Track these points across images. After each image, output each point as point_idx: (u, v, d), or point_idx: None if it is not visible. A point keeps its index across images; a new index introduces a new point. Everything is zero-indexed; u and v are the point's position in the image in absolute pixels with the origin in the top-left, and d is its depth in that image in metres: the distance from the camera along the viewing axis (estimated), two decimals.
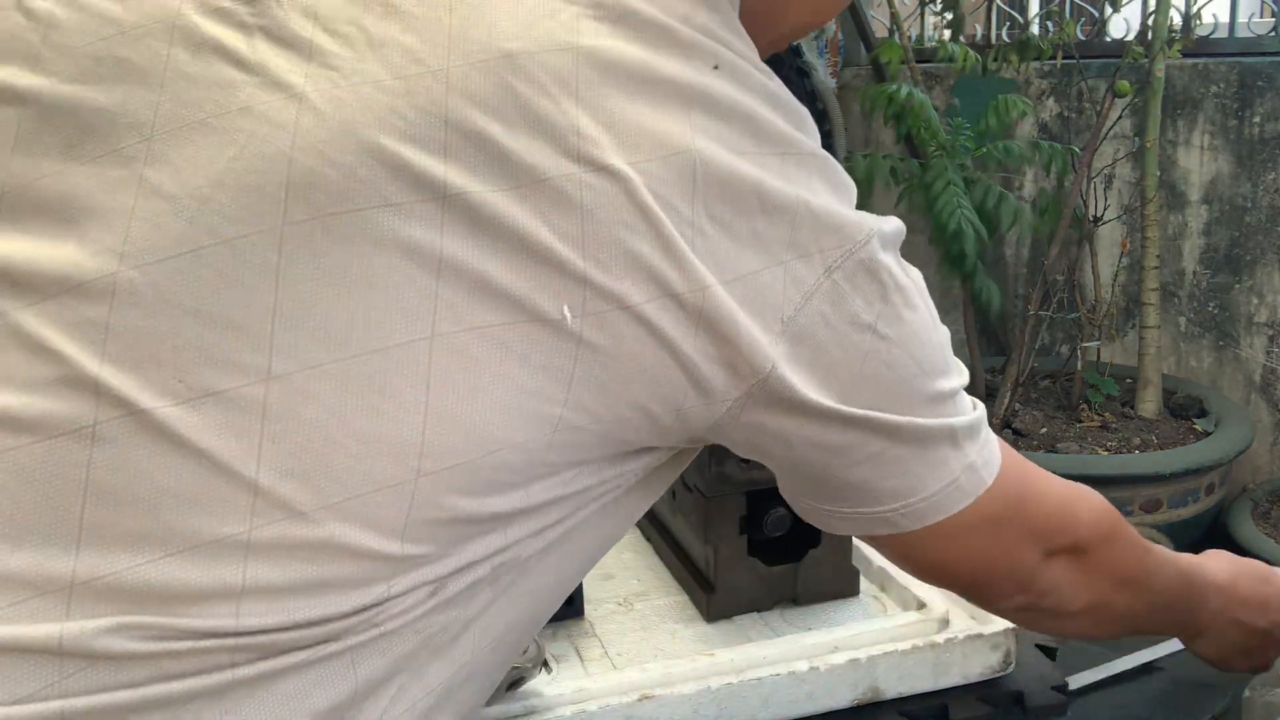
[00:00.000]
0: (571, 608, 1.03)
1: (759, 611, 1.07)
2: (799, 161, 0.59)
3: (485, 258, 0.53)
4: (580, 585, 1.04)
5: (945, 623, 1.03)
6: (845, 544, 1.10)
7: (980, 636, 1.00)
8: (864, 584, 1.12)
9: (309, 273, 0.52)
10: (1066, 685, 1.04)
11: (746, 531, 1.06)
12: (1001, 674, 1.02)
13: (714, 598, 1.06)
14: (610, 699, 0.92)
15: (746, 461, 1.01)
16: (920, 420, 0.64)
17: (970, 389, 3.16)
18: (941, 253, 2.60)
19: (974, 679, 1.01)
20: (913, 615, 1.05)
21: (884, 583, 1.13)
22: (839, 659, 0.97)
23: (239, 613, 0.52)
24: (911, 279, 0.64)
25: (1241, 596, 0.92)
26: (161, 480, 0.52)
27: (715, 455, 1.01)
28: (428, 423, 0.53)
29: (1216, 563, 0.93)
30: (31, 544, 0.51)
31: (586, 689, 0.93)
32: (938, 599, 1.07)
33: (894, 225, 0.64)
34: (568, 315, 0.54)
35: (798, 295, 0.58)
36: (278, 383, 0.52)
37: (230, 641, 0.52)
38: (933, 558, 0.72)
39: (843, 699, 0.97)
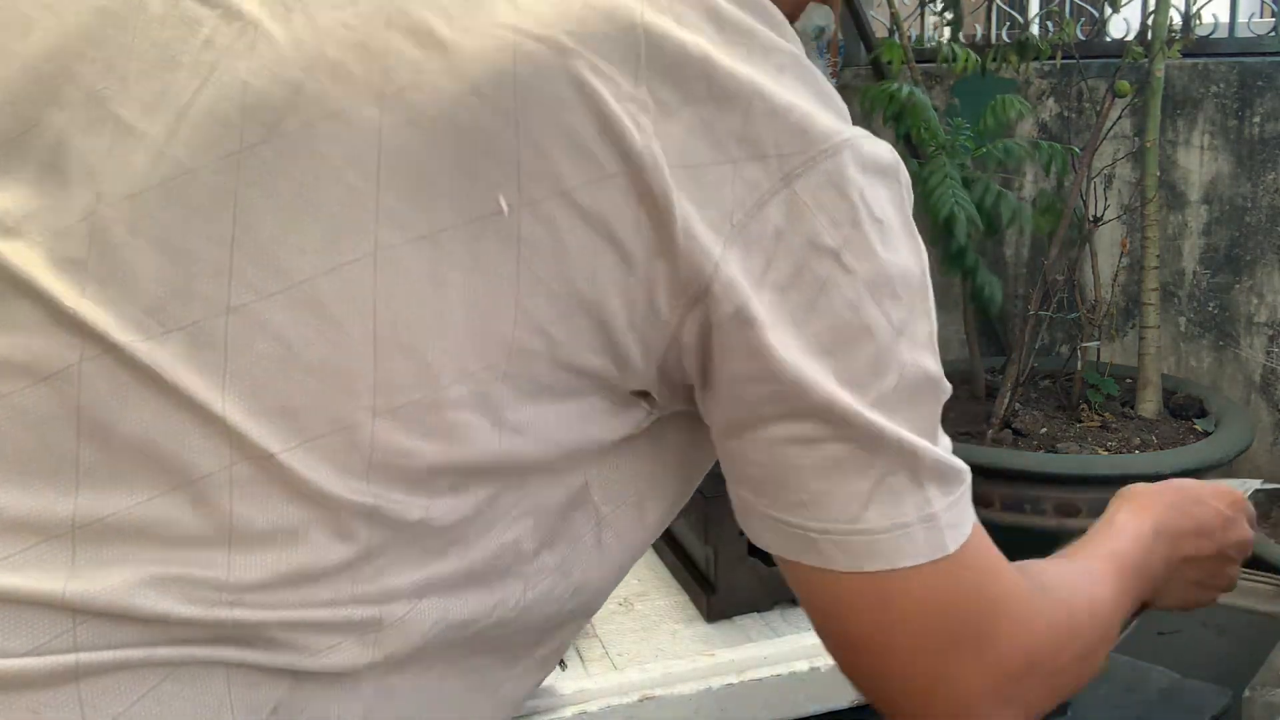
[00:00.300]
0: None
1: (759, 612, 1.08)
2: (765, 53, 0.55)
3: (422, 150, 0.52)
4: None
5: None
6: None
7: None
8: None
9: (262, 197, 0.52)
10: None
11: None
12: None
13: (714, 598, 1.07)
14: (611, 699, 0.92)
15: None
16: (875, 418, 0.55)
17: (970, 389, 3.11)
18: (941, 251, 2.60)
19: None
20: None
21: None
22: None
23: (230, 563, 0.52)
24: (904, 226, 0.58)
25: (1181, 530, 0.84)
26: (144, 417, 0.52)
27: None
28: (378, 351, 0.52)
29: (1139, 513, 0.83)
30: (35, 489, 0.52)
31: (587, 689, 0.93)
32: None
33: (881, 149, 0.58)
34: (504, 205, 0.52)
35: (750, 199, 0.53)
36: (236, 315, 0.52)
37: (226, 606, 0.52)
38: (864, 629, 0.59)
39: (843, 699, 0.98)
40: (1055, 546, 2.78)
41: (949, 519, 0.59)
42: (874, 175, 0.56)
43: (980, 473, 1.54)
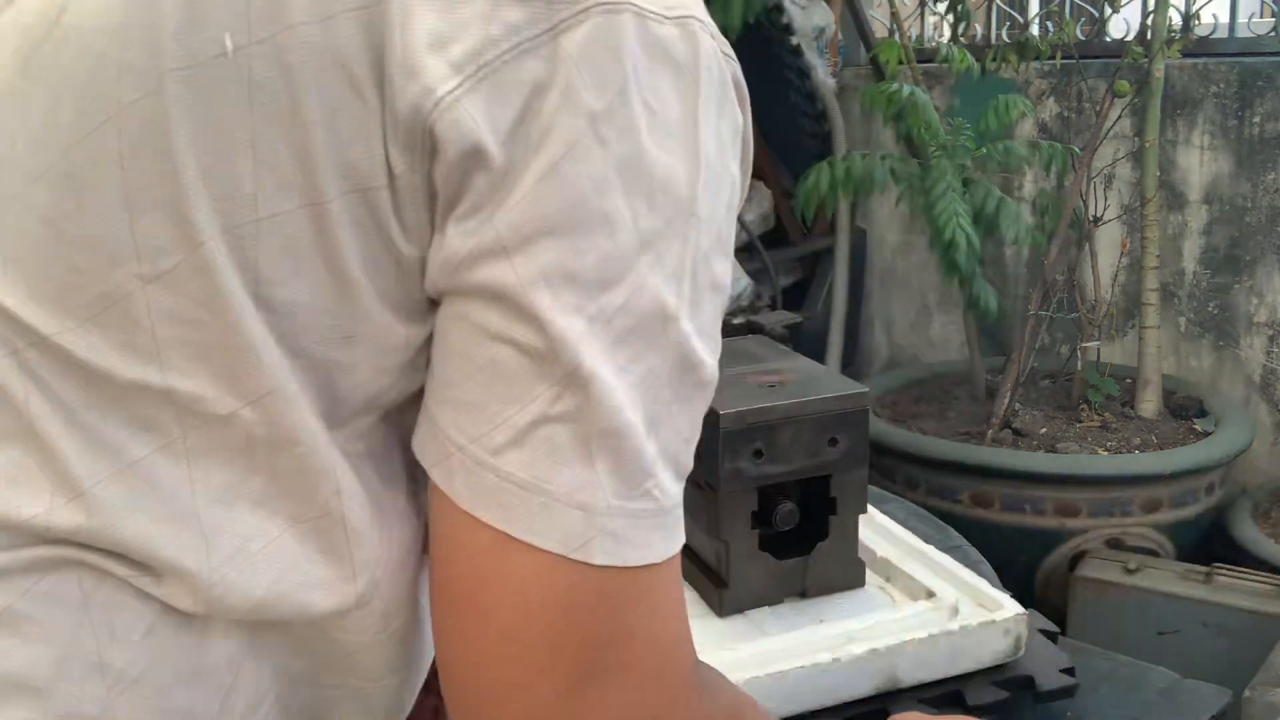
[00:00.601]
0: None
1: (770, 605, 1.07)
2: None
3: None
4: None
5: (956, 610, 1.04)
6: (852, 536, 1.11)
7: (993, 623, 1.01)
8: (869, 575, 1.13)
9: (39, 89, 0.53)
10: (1074, 669, 1.05)
11: (757, 526, 1.06)
12: (1012, 659, 1.03)
13: (726, 593, 1.06)
14: None
15: (758, 455, 1.03)
16: (571, 334, 0.47)
17: (970, 389, 3.11)
18: (941, 256, 2.59)
19: (986, 664, 1.02)
20: (924, 604, 1.06)
21: (889, 574, 1.14)
22: (859, 649, 0.97)
23: (50, 460, 0.51)
24: (687, 133, 0.51)
25: None
26: None
27: (729, 450, 1.02)
28: (132, 213, 0.51)
29: None
30: None
31: None
32: (947, 588, 1.09)
33: (675, 37, 0.51)
34: (229, 45, 0.50)
35: (506, 43, 0.48)
36: (12, 203, 0.53)
37: (54, 504, 0.51)
38: (465, 586, 0.50)
39: (864, 688, 0.98)
40: (1055, 546, 2.78)
41: (616, 527, 0.49)
42: (660, 61, 0.50)
43: (980, 473, 1.56)
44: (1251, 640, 2.12)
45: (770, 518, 1.06)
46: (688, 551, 1.14)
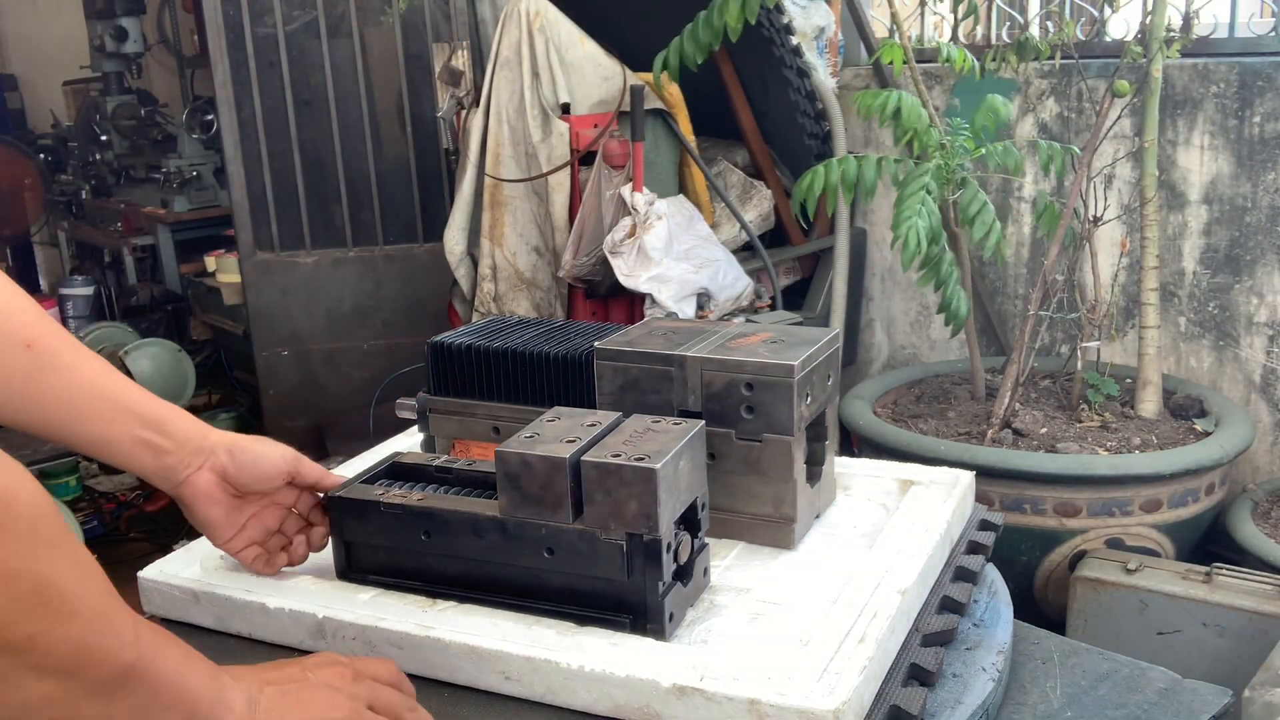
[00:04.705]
0: (706, 577, 1.09)
1: (810, 530, 1.20)
2: None
3: None
4: (707, 561, 1.10)
5: (937, 485, 1.26)
6: (832, 458, 1.25)
7: (969, 486, 1.26)
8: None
9: None
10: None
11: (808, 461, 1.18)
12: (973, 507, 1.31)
13: (797, 526, 1.16)
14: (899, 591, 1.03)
15: (807, 398, 1.14)
16: None
17: (970, 389, 3.08)
18: (922, 259, 2.58)
19: (969, 514, 1.28)
20: (919, 490, 1.25)
21: (847, 484, 1.31)
22: (941, 525, 1.16)
23: None
24: None
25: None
26: None
27: (800, 397, 1.11)
28: None
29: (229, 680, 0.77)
30: None
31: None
32: (914, 475, 1.29)
33: None
34: None
35: None
36: None
37: None
38: None
39: (945, 555, 1.17)
40: (1055, 546, 2.77)
41: None
42: None
43: (980, 473, 1.56)
44: (1251, 640, 2.12)
45: None
46: (739, 509, 1.17)
